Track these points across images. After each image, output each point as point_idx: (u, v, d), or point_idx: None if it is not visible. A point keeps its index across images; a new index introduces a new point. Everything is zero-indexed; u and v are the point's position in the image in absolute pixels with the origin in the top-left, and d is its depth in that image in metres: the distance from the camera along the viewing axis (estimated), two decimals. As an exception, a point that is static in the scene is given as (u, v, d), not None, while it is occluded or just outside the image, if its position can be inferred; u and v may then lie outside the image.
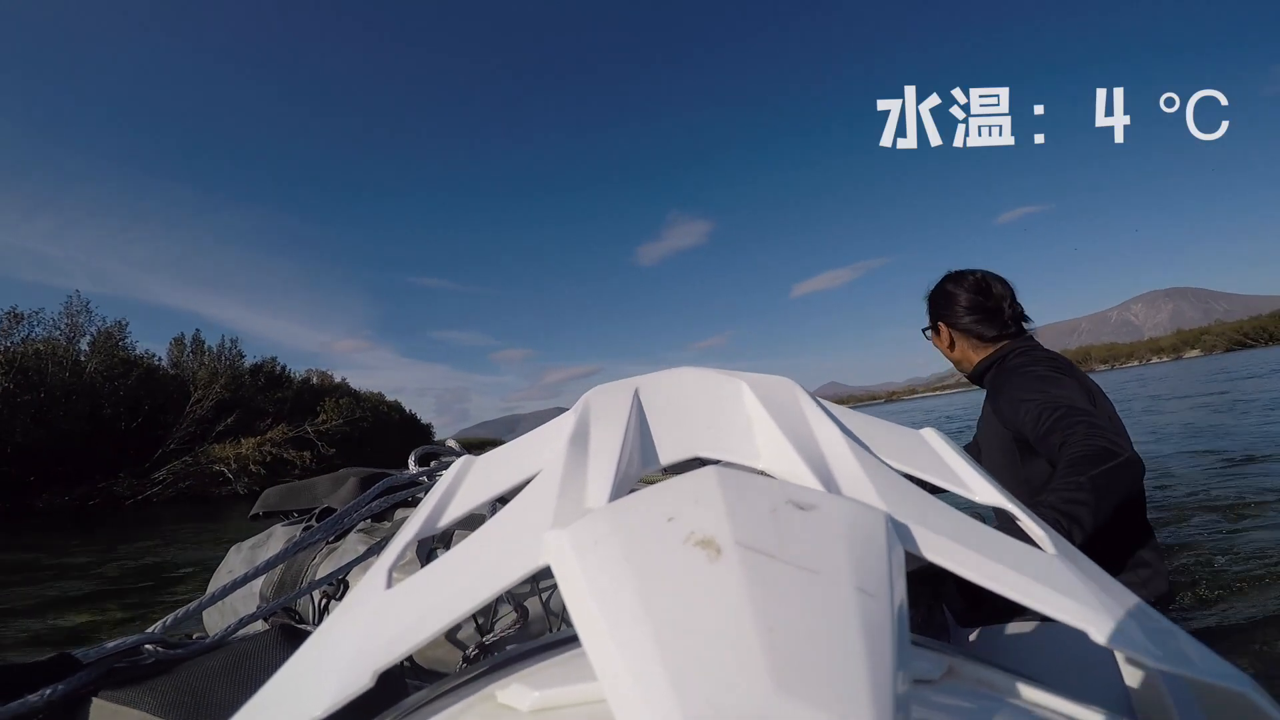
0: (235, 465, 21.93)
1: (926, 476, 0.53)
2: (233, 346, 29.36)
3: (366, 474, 1.43)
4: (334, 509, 1.21)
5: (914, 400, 76.88)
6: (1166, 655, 0.32)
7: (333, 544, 1.19)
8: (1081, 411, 1.31)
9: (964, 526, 0.40)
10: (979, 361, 1.76)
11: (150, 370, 24.29)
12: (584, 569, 0.30)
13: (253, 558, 1.34)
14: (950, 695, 0.34)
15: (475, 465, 0.59)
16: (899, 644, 0.25)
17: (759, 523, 0.31)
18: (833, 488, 0.44)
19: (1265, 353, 40.86)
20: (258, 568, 0.97)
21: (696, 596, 0.26)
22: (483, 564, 0.39)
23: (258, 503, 1.55)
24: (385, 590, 0.40)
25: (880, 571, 0.29)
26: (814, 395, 0.59)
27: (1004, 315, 1.74)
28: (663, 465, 0.52)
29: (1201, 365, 30.13)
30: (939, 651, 0.40)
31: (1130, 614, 0.34)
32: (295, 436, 24.75)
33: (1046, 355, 1.62)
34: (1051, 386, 1.44)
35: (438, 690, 0.41)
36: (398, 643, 0.34)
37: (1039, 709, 0.33)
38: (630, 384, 0.62)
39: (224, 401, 24.74)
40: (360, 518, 1.15)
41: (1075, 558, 0.41)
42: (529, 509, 0.43)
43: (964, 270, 1.84)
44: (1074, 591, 0.35)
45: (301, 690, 0.34)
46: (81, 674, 0.72)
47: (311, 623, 1.12)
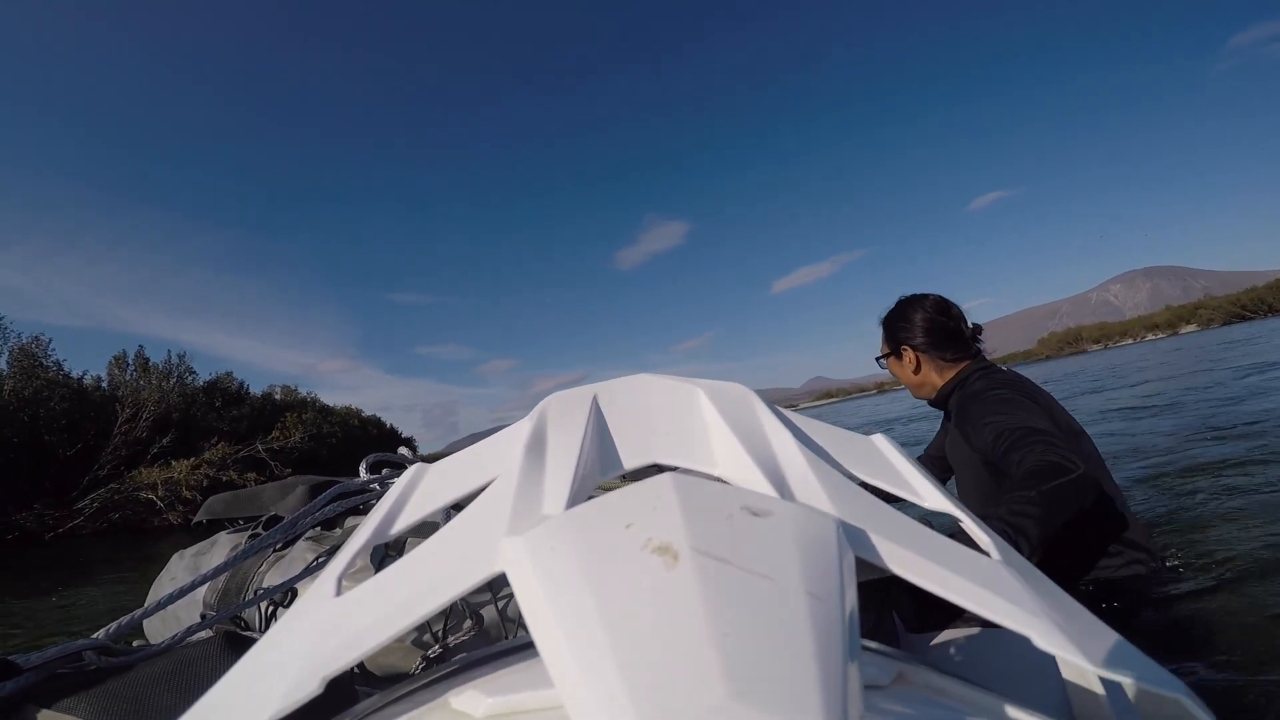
0: (165, 491, 18.69)
1: (877, 482, 0.54)
2: (180, 362, 26.88)
3: (316, 482, 1.40)
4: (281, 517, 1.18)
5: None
6: (1105, 661, 0.33)
7: (280, 552, 1.16)
8: (1039, 432, 1.36)
9: (913, 532, 0.40)
10: (943, 385, 1.79)
11: (80, 391, 21.58)
12: (540, 575, 0.30)
13: (196, 565, 1.30)
14: (899, 701, 0.35)
15: (429, 472, 0.58)
16: (850, 648, 0.26)
17: (715, 529, 0.31)
18: (786, 494, 0.44)
19: (1264, 324, 40.99)
20: (203, 575, 0.94)
21: (653, 603, 0.27)
22: (436, 571, 0.38)
23: (202, 509, 1.51)
24: (335, 597, 0.39)
25: (831, 577, 0.30)
26: (768, 402, 0.60)
27: (964, 335, 1.78)
28: (621, 472, 0.52)
29: (1202, 339, 30.08)
30: (889, 657, 0.41)
31: (1072, 620, 0.35)
32: (245, 456, 21.89)
33: (1006, 378, 1.66)
34: (1012, 409, 1.48)
35: (390, 696, 0.40)
36: (348, 649, 0.33)
37: (985, 714, 0.34)
38: (588, 391, 0.62)
39: (167, 421, 22.08)
40: (309, 525, 1.12)
41: (1018, 564, 0.43)
42: (484, 516, 0.43)
43: (920, 293, 1.87)
44: (1018, 598, 0.36)
45: (247, 696, 0.33)
46: (20, 679, 0.69)
47: (258, 631, 1.09)
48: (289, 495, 1.36)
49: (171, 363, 26.52)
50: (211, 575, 0.95)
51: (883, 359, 1.95)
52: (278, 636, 0.38)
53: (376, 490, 1.28)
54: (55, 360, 21.90)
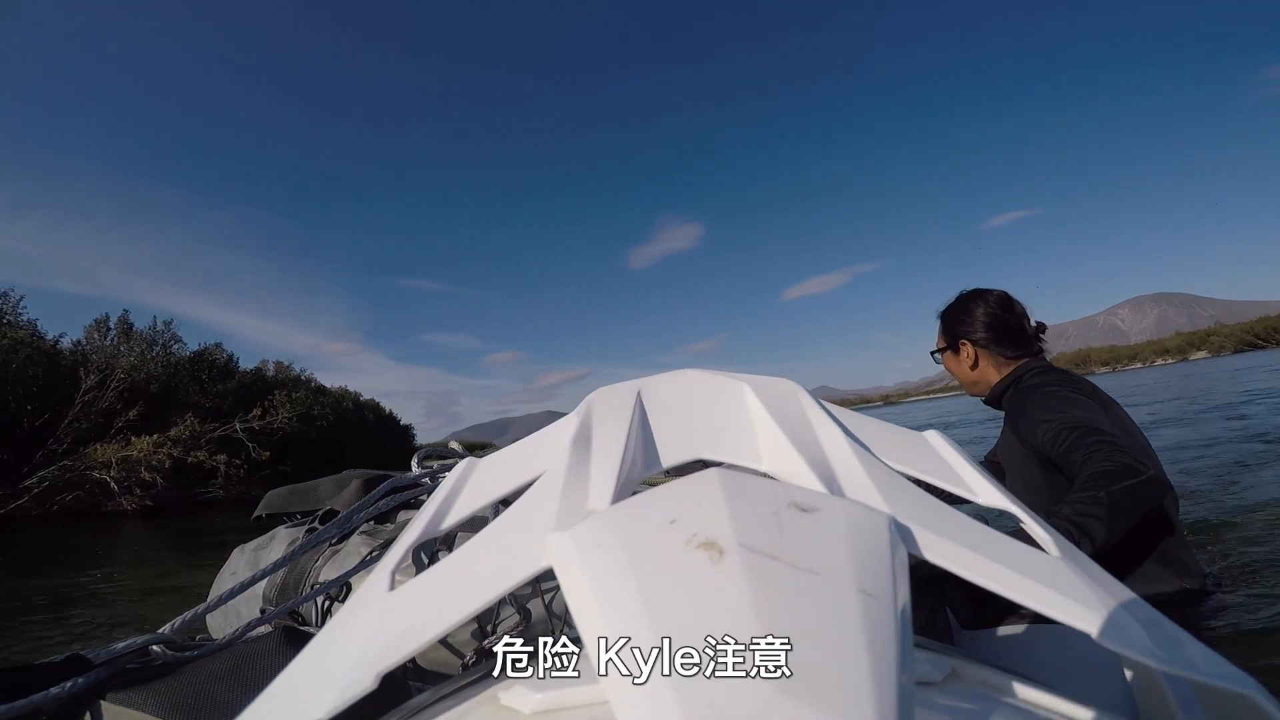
0: (120, 471, 15.77)
1: (929, 479, 0.53)
2: (166, 329, 23.61)
3: (370, 475, 1.44)
4: (337, 511, 1.21)
5: (912, 403, 74.80)
6: (1170, 657, 0.32)
7: (335, 546, 1.19)
8: (1102, 431, 1.30)
9: (967, 529, 0.40)
10: (997, 382, 1.72)
11: (53, 355, 18.57)
12: (587, 571, 0.30)
13: (255, 560, 1.35)
14: (953, 697, 0.34)
15: (478, 467, 0.59)
16: (902, 646, 0.25)
17: (761, 525, 0.31)
18: (835, 490, 0.44)
19: (1275, 354, 39.28)
20: (263, 570, 0.98)
21: (699, 598, 0.26)
22: (485, 566, 0.39)
23: (261, 504, 1.56)
24: (388, 592, 0.40)
25: (883, 573, 0.29)
26: (816, 397, 0.59)
27: (1027, 333, 1.72)
28: (665, 467, 0.52)
29: (1211, 366, 28.86)
30: (942, 654, 0.40)
31: (1134, 616, 0.34)
32: (220, 435, 18.75)
33: (1063, 376, 1.60)
34: (1071, 407, 1.42)
35: (440, 692, 0.41)
36: (401, 645, 0.34)
37: (1042, 710, 0.33)
38: (633, 386, 0.62)
39: (143, 392, 18.94)
40: (364, 519, 1.15)
41: (1079, 560, 0.41)
42: (532, 511, 0.43)
43: (983, 288, 1.80)
44: (1077, 593, 0.34)
45: (305, 692, 0.34)
46: (91, 674, 0.72)
47: (315, 625, 1.12)
48: (344, 490, 1.39)
49: (156, 329, 23.57)
50: (270, 570, 0.99)
51: (938, 353, 1.88)
52: (333, 632, 0.39)
53: (427, 485, 1.30)
54: (28, 319, 19.40)
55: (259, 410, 20.42)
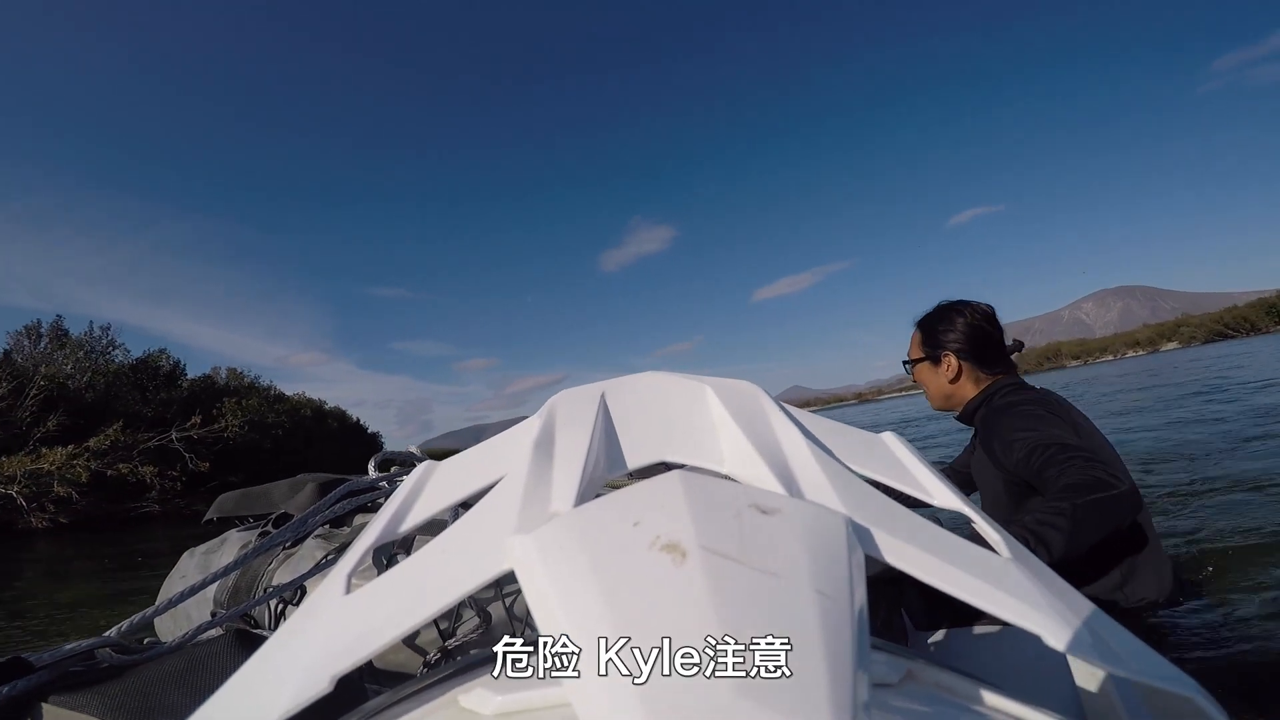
0: (27, 486, 14.21)
1: (887, 480, 0.54)
2: (104, 335, 22.44)
3: (325, 479, 1.41)
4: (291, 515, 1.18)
5: (884, 401, 75.15)
6: (1117, 659, 0.33)
7: (290, 550, 1.17)
8: (1075, 448, 1.30)
9: (922, 530, 0.40)
10: (972, 398, 1.70)
11: None
12: (549, 573, 0.30)
13: (206, 563, 1.31)
14: (908, 699, 0.34)
15: (437, 470, 0.58)
16: (859, 647, 0.26)
17: (723, 527, 0.31)
18: (794, 491, 0.44)
19: (1246, 343, 39.90)
20: (213, 573, 0.95)
21: (661, 600, 0.27)
22: (445, 569, 0.38)
23: (212, 507, 1.52)
24: (344, 595, 0.39)
25: (840, 574, 0.30)
26: (777, 399, 0.60)
27: (1005, 350, 1.71)
28: (629, 470, 0.52)
29: (1181, 357, 29.07)
30: (898, 655, 0.41)
31: (1083, 619, 0.35)
32: (156, 446, 17.31)
33: (1035, 395, 1.60)
34: (1046, 425, 1.42)
35: (399, 694, 0.41)
36: (357, 647, 0.33)
37: (994, 712, 0.34)
38: (597, 388, 0.62)
39: (75, 401, 17.58)
40: (319, 523, 1.13)
41: (1029, 562, 0.42)
42: (493, 514, 0.43)
43: (965, 299, 1.76)
44: (1027, 596, 0.35)
45: (258, 695, 0.33)
46: (33, 676, 0.70)
47: (268, 629, 1.09)
48: (299, 493, 1.36)
49: (93, 336, 22.30)
50: (222, 574, 0.96)
51: (913, 363, 1.81)
52: (288, 635, 0.38)
53: (385, 488, 1.28)
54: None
55: (198, 418, 19.15)
